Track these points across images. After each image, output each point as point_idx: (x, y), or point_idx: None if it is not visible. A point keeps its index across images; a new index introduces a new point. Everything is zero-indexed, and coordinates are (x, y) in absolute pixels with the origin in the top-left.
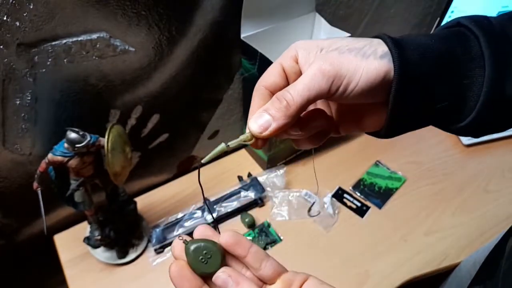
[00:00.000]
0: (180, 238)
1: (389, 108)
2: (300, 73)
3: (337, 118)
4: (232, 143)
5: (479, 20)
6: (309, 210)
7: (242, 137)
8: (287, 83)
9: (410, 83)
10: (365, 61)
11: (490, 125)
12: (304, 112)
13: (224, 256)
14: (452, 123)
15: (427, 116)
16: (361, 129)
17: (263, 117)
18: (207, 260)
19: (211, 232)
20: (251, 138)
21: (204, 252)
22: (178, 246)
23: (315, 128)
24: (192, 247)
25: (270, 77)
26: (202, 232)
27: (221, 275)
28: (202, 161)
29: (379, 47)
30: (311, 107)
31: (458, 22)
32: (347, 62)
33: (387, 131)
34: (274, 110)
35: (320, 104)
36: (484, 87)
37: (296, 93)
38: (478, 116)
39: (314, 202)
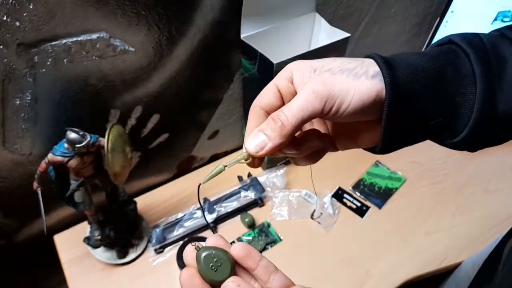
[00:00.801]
0: (193, 244)
1: (383, 126)
2: (295, 93)
3: (334, 135)
4: (230, 164)
5: (469, 38)
6: (312, 215)
7: (239, 157)
8: (282, 103)
9: (402, 102)
10: (356, 81)
11: (484, 141)
12: (300, 133)
13: (234, 266)
14: (446, 139)
15: (420, 133)
16: (357, 146)
17: (259, 137)
18: (217, 268)
19: (223, 243)
20: (248, 157)
21: (215, 259)
22: (190, 253)
23: (310, 148)
24: (203, 254)
25: (265, 97)
26: (215, 242)
27: (229, 284)
28: (201, 182)
29: (370, 67)
30: (307, 126)
31: (449, 40)
32: (339, 82)
33: (382, 148)
34: (270, 130)
35: (316, 123)
36: (476, 104)
37: (291, 113)
38: (471, 132)
39: (314, 210)
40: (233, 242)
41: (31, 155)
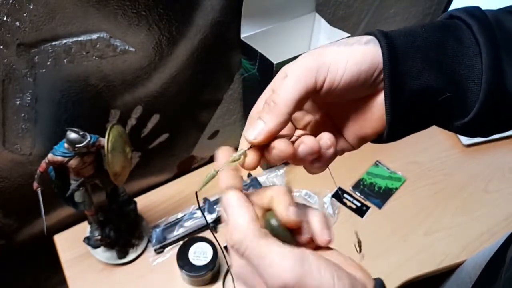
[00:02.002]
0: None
1: (385, 89)
2: None
3: (340, 126)
4: (223, 167)
5: (471, 10)
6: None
7: (231, 158)
8: None
9: (401, 65)
10: (349, 47)
11: (494, 121)
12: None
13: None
14: (456, 119)
15: (428, 112)
16: (366, 132)
17: (256, 124)
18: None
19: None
20: (239, 158)
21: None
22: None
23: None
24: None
25: (260, 105)
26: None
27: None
28: (197, 190)
29: (363, 37)
30: (314, 128)
31: (450, 15)
32: (330, 51)
33: (390, 130)
34: (265, 113)
35: (320, 121)
36: (484, 74)
37: (282, 92)
38: (482, 109)
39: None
40: None
41: (31, 155)
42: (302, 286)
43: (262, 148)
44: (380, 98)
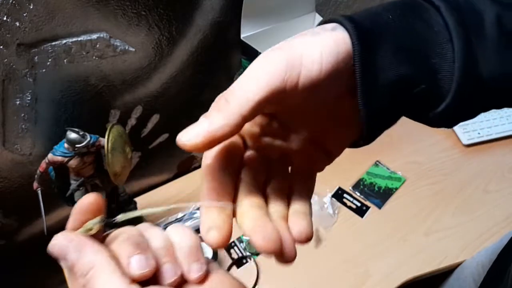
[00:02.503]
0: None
1: (358, 75)
2: None
3: (318, 131)
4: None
5: None
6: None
7: (81, 229)
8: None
9: (372, 55)
10: (318, 36)
11: (469, 106)
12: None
13: None
14: (429, 109)
15: (402, 102)
16: (346, 140)
17: (198, 122)
18: None
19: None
20: (92, 227)
21: None
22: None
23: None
24: None
25: None
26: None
27: None
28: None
29: (326, 25)
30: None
31: None
32: (299, 42)
33: (367, 125)
34: (212, 111)
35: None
36: (456, 61)
37: (238, 89)
38: (455, 98)
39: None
40: (233, 242)
41: (31, 155)
42: None
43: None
44: (349, 99)
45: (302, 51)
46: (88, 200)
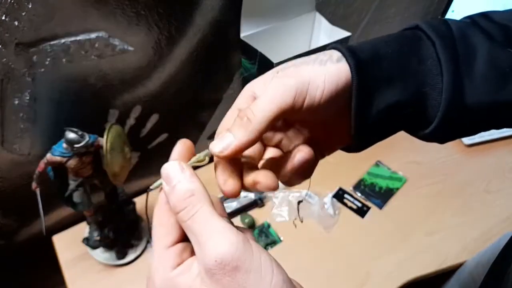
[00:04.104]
0: None
1: (353, 107)
2: None
3: (316, 139)
4: (188, 164)
5: (436, 25)
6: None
7: (193, 159)
8: None
9: (369, 82)
10: (324, 66)
11: (455, 132)
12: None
13: None
14: (418, 130)
15: (393, 122)
16: (335, 146)
17: (226, 137)
18: None
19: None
20: (203, 158)
21: None
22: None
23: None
24: None
25: (228, 123)
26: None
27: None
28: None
29: (333, 54)
30: (287, 143)
31: (416, 25)
32: (307, 71)
33: (357, 138)
34: (236, 128)
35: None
36: (444, 93)
37: (257, 108)
38: (441, 123)
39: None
40: None
41: (30, 155)
42: (238, 267)
43: (240, 173)
44: (347, 114)
45: (309, 79)
46: (185, 144)
